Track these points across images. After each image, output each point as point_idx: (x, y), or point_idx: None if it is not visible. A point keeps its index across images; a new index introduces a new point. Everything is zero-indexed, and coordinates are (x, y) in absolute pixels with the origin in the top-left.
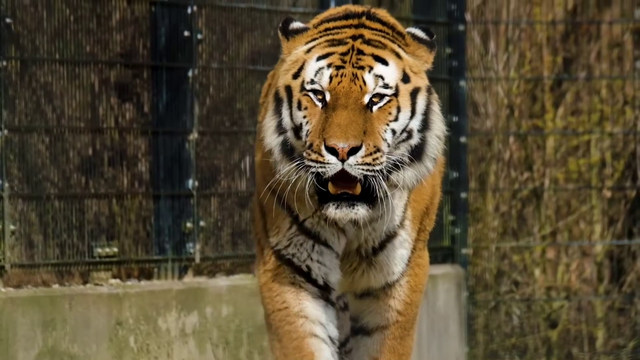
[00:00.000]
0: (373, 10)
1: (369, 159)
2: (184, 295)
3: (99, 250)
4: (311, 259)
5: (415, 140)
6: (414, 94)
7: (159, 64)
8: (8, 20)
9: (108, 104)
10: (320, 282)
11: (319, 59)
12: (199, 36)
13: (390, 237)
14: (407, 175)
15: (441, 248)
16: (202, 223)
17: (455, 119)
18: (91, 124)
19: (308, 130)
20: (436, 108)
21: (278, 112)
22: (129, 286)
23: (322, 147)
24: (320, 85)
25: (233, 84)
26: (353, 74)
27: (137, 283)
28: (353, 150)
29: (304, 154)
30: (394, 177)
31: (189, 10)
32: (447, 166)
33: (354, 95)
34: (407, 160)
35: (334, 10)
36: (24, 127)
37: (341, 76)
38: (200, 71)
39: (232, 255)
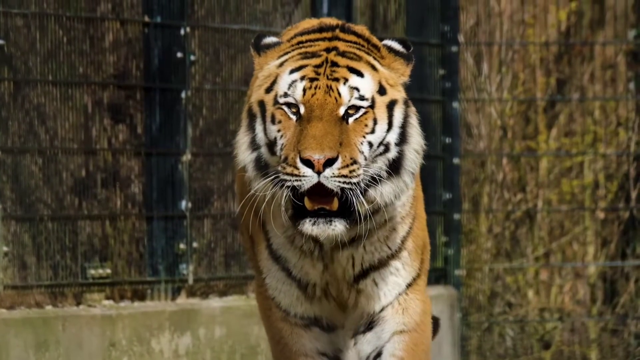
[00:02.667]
0: (348, 24)
1: (345, 171)
2: (177, 316)
3: (92, 271)
4: (277, 288)
5: (392, 153)
6: (390, 106)
7: (152, 85)
8: (1, 41)
9: (101, 125)
10: (292, 313)
11: (292, 71)
12: (192, 57)
13: (382, 263)
14: (385, 190)
15: (434, 269)
16: (195, 244)
17: (448, 140)
18: (84, 145)
19: (283, 144)
20: (414, 121)
21: (251, 128)
22: (122, 307)
23: (297, 160)
24: (294, 98)
25: (226, 105)
26: (327, 86)
27: (130, 304)
28: (329, 162)
29: (279, 168)
30: (371, 191)
31: (182, 32)
32: (439, 187)
33: (329, 107)
34: (384, 174)
35: (307, 23)
36: (17, 148)
37: (315, 88)
38: (193, 92)
39: (225, 276)
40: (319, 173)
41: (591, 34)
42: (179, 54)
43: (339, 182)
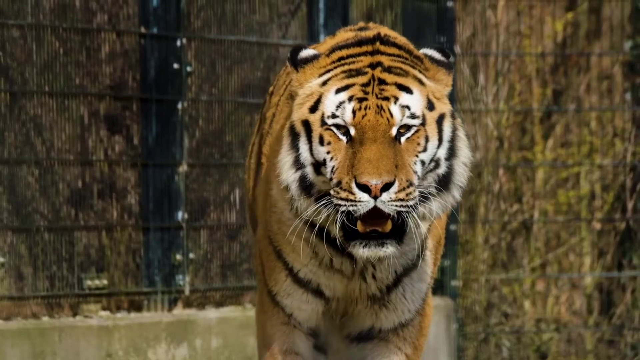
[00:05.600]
0: (384, 32)
1: (402, 195)
2: (174, 327)
3: (89, 282)
4: (300, 308)
5: (442, 169)
6: (439, 121)
7: (148, 96)
8: None
9: (97, 137)
10: (311, 326)
11: (338, 91)
12: (189, 69)
13: (409, 269)
14: (434, 206)
15: None
16: (191, 255)
17: None
18: (81, 156)
19: (334, 167)
20: (462, 134)
21: (295, 147)
22: (118, 318)
23: (353, 185)
24: (344, 120)
25: (222, 116)
26: (378, 106)
27: (126, 315)
28: (386, 187)
29: (332, 192)
30: (421, 208)
31: (179, 43)
32: None
33: (382, 128)
34: (434, 190)
35: (343, 36)
36: (14, 159)
37: (365, 109)
38: (189, 103)
39: (221, 287)
40: (375, 198)
41: (587, 45)
42: (176, 65)
43: (396, 205)
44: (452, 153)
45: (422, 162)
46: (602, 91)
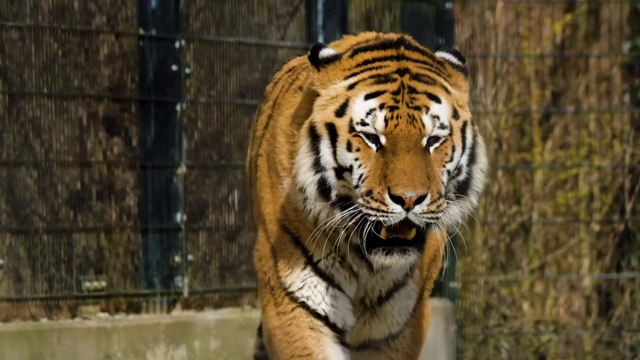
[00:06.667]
0: (406, 37)
1: (433, 207)
2: (173, 329)
3: (87, 284)
4: (326, 302)
5: (463, 175)
6: (463, 129)
7: (147, 98)
8: None
9: (96, 138)
10: (339, 325)
11: (368, 97)
12: (187, 70)
13: (398, 286)
14: (452, 212)
15: None
16: (190, 257)
17: None
18: (79, 158)
19: (362, 175)
20: (481, 141)
21: (315, 149)
22: (117, 320)
23: (386, 196)
24: (375, 128)
25: (221, 118)
26: (409, 115)
27: (125, 317)
28: (419, 199)
29: (361, 201)
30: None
31: (177, 45)
32: None
33: (414, 139)
34: (453, 196)
35: (363, 37)
36: (12, 161)
37: (397, 118)
38: (188, 105)
39: (220, 288)
40: (408, 210)
41: (586, 47)
42: (174, 67)
43: (427, 218)
44: (472, 159)
45: (448, 172)
46: (600, 93)
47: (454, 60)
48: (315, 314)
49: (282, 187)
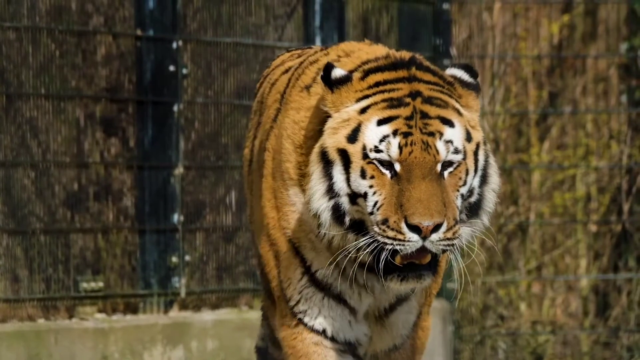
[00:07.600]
0: (417, 57)
1: (449, 234)
2: (170, 329)
3: (85, 284)
4: (323, 316)
5: (474, 197)
6: (476, 151)
7: (144, 98)
8: None
9: (93, 139)
10: (341, 338)
11: (380, 123)
12: (185, 71)
13: (401, 300)
14: (464, 233)
15: None
16: (187, 257)
17: None
18: (76, 158)
19: (377, 202)
20: (493, 161)
21: (328, 175)
22: (114, 321)
23: (403, 225)
24: (389, 155)
25: (218, 118)
26: (423, 142)
27: (122, 317)
28: (436, 227)
29: (377, 229)
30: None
31: (175, 45)
32: None
33: (429, 166)
34: (464, 217)
35: (373, 52)
36: (9, 161)
37: (411, 144)
38: (185, 106)
39: (217, 289)
40: (424, 238)
41: (583, 47)
42: (172, 68)
43: (443, 245)
44: (484, 180)
45: (462, 196)
46: (598, 93)
47: (465, 77)
48: (313, 329)
49: (286, 194)
